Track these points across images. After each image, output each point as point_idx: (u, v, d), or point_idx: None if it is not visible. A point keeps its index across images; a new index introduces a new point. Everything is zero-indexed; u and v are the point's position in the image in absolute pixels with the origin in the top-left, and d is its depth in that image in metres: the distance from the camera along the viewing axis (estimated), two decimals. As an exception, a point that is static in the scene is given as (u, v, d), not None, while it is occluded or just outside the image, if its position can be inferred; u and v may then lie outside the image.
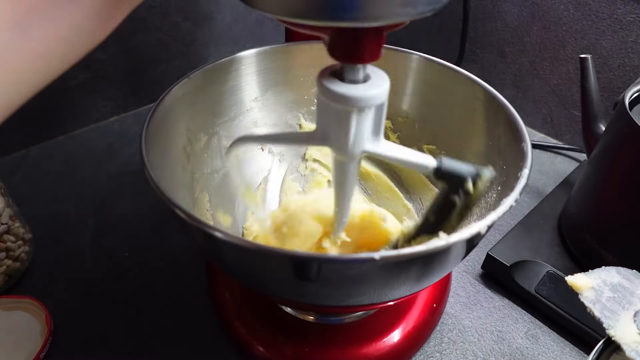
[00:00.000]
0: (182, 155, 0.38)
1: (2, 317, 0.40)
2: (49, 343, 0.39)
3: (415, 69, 0.42)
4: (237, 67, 0.41)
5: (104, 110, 0.66)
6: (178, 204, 0.26)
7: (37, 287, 0.44)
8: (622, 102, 0.39)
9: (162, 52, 0.67)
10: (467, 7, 0.63)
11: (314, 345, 0.37)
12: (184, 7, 0.65)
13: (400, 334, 0.38)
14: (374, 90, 0.25)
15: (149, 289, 0.44)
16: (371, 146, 0.28)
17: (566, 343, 0.41)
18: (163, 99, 0.35)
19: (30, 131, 0.60)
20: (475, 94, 0.38)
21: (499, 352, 0.40)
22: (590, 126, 0.49)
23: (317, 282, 0.26)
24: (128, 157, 0.60)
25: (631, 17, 0.55)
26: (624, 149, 0.39)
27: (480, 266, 0.47)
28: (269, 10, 0.22)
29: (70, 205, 0.53)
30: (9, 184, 0.45)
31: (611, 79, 0.59)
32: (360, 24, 0.22)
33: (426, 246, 0.23)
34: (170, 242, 0.49)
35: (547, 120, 0.68)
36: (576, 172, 0.57)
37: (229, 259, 0.29)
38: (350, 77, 0.25)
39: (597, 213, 0.43)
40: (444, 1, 0.23)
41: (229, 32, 0.73)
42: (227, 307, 0.40)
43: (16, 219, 0.44)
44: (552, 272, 0.43)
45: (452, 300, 0.44)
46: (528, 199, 0.55)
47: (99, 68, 0.62)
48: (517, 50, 0.67)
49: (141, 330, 0.41)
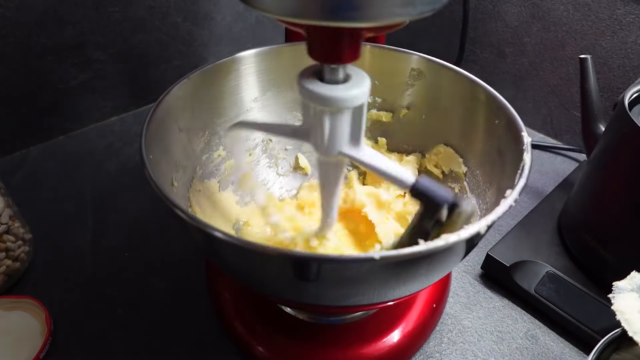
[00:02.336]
0: (182, 155, 0.38)
1: (2, 317, 0.40)
2: (49, 343, 0.39)
3: (415, 69, 0.42)
4: (237, 67, 0.41)
5: (104, 110, 0.66)
6: (178, 204, 0.26)
7: (37, 287, 0.44)
8: (621, 102, 0.39)
9: (162, 52, 0.67)
10: (467, 7, 0.63)
11: (314, 345, 0.37)
12: (184, 7, 0.66)
13: (400, 334, 0.38)
14: (351, 91, 0.25)
15: (149, 289, 0.44)
16: (348, 149, 0.27)
17: (566, 343, 0.41)
18: (163, 99, 0.35)
19: (30, 131, 0.60)
20: (475, 94, 0.38)
21: (498, 353, 0.40)
22: (590, 126, 0.49)
23: (317, 282, 0.26)
24: (128, 157, 0.60)
25: (631, 18, 0.55)
26: (624, 149, 0.39)
27: (480, 266, 0.47)
28: (268, 10, 0.22)
29: (70, 205, 0.53)
30: (9, 184, 0.45)
31: (611, 79, 0.59)
32: (360, 24, 0.22)
33: (426, 246, 0.23)
34: (170, 242, 0.49)
35: (547, 121, 0.68)
36: (576, 172, 0.58)
37: (229, 259, 0.29)
38: (329, 78, 0.25)
39: (597, 213, 0.43)
40: (444, 1, 0.23)
41: (229, 32, 0.73)
42: (227, 307, 0.40)
43: (16, 219, 0.44)
44: (552, 272, 0.43)
45: (451, 300, 0.44)
46: (528, 199, 0.55)
47: (99, 68, 0.62)
48: (517, 51, 0.67)
49: (141, 330, 0.41)
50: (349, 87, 0.25)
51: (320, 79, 0.26)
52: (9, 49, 0.54)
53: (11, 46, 0.54)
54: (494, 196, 0.34)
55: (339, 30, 0.23)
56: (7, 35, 0.53)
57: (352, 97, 0.25)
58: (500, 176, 0.34)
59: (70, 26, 0.57)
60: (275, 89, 0.44)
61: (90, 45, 0.59)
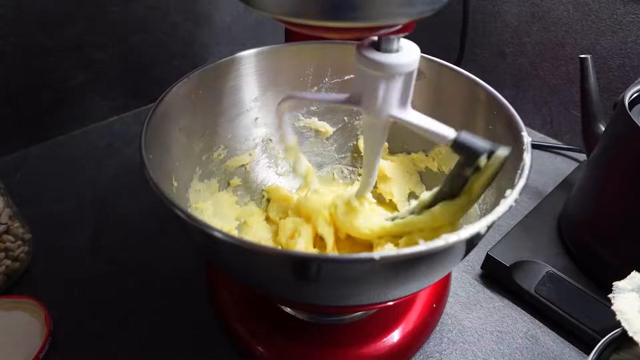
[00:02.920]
0: (182, 155, 0.38)
1: (2, 317, 0.40)
2: (49, 343, 0.38)
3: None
4: (237, 67, 0.41)
5: (104, 110, 0.66)
6: (178, 204, 0.26)
7: (36, 287, 0.44)
8: (621, 102, 0.39)
9: (162, 52, 0.67)
10: (467, 7, 0.63)
11: (314, 345, 0.37)
12: (184, 7, 0.66)
13: (400, 334, 0.38)
14: (404, 59, 0.28)
15: (148, 289, 0.44)
16: (397, 112, 0.30)
17: (566, 343, 0.41)
18: (163, 99, 0.35)
19: (30, 131, 0.60)
20: (475, 94, 0.38)
21: (498, 352, 0.40)
22: (589, 126, 0.49)
23: (316, 282, 0.26)
24: (128, 157, 0.60)
25: (631, 18, 0.55)
26: (624, 149, 0.39)
27: (480, 266, 0.47)
28: (268, 10, 0.22)
29: (70, 205, 0.53)
30: (9, 184, 0.45)
31: (611, 79, 0.59)
32: (359, 24, 0.22)
33: (426, 246, 0.23)
34: (170, 241, 0.49)
35: (547, 121, 0.68)
36: (576, 172, 0.57)
37: (229, 259, 0.29)
38: (385, 47, 0.28)
39: (596, 213, 0.43)
40: (443, 1, 0.23)
41: (229, 32, 0.73)
42: (227, 307, 0.40)
43: (16, 219, 0.44)
44: (552, 272, 0.43)
45: (451, 300, 0.44)
46: (528, 199, 0.55)
47: (99, 68, 0.62)
48: (517, 50, 0.67)
49: (141, 330, 0.41)
50: (401, 55, 0.28)
51: (377, 48, 0.28)
52: (9, 48, 0.54)
53: (11, 46, 0.54)
54: (494, 196, 0.34)
55: None
56: (7, 35, 0.53)
57: (406, 64, 0.28)
58: (500, 176, 0.34)
59: (70, 26, 0.57)
60: (275, 89, 0.44)
61: (90, 45, 0.59)
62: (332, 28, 0.24)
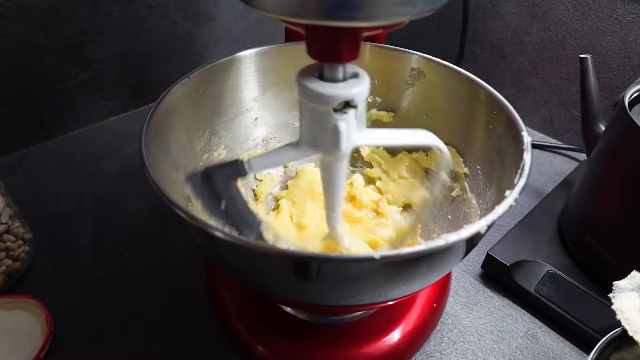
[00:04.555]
0: (182, 155, 0.38)
1: (2, 317, 0.40)
2: (49, 343, 0.39)
3: (415, 69, 0.42)
4: (237, 67, 0.41)
5: (104, 110, 0.66)
6: (178, 204, 0.26)
7: (37, 287, 0.44)
8: (621, 102, 0.39)
9: (162, 52, 0.67)
10: (467, 7, 0.63)
11: (314, 345, 0.37)
12: (184, 7, 0.66)
13: (400, 334, 0.38)
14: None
15: (149, 288, 0.44)
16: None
17: (566, 343, 0.41)
18: (163, 99, 0.35)
19: (30, 131, 0.60)
20: (475, 94, 0.38)
21: (499, 352, 0.40)
22: (590, 126, 0.49)
23: (317, 282, 0.26)
24: (128, 157, 0.60)
25: (631, 17, 0.55)
26: (624, 149, 0.39)
27: (480, 266, 0.47)
28: (268, 10, 0.22)
29: (70, 205, 0.53)
30: (9, 184, 0.45)
31: (611, 79, 0.59)
32: (360, 24, 0.22)
33: (426, 246, 0.23)
34: (170, 241, 0.49)
35: (547, 120, 0.68)
36: (576, 172, 0.57)
37: (229, 258, 0.29)
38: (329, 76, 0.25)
39: (597, 213, 0.43)
40: (443, 1, 0.23)
41: (229, 32, 0.73)
42: (227, 307, 0.40)
43: (16, 218, 0.44)
44: (552, 271, 0.43)
45: (452, 300, 0.44)
46: (528, 199, 0.55)
47: (99, 68, 0.62)
48: (517, 50, 0.67)
49: (141, 330, 0.41)
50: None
51: (319, 77, 0.26)
52: (9, 48, 0.54)
53: (11, 46, 0.54)
54: (494, 196, 0.35)
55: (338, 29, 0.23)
56: (7, 35, 0.53)
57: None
58: (500, 176, 0.34)
59: (70, 26, 0.57)
60: (275, 89, 0.44)
61: (90, 45, 0.59)
62: (332, 27, 0.24)
